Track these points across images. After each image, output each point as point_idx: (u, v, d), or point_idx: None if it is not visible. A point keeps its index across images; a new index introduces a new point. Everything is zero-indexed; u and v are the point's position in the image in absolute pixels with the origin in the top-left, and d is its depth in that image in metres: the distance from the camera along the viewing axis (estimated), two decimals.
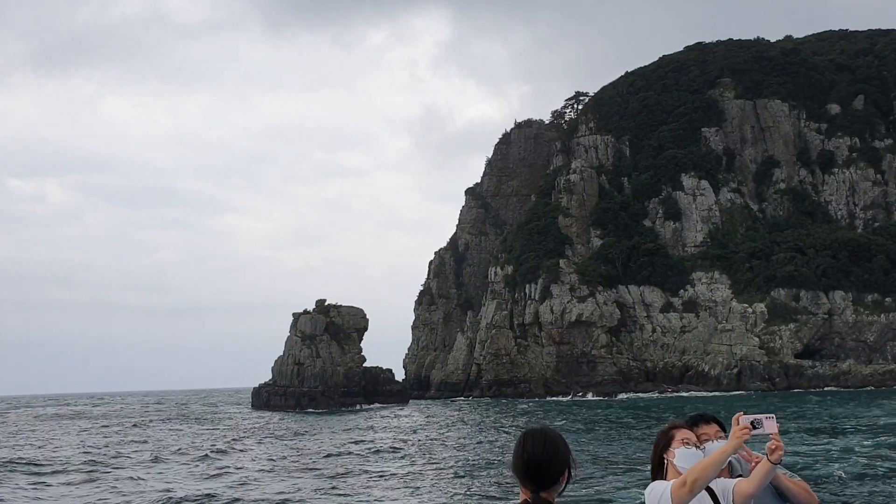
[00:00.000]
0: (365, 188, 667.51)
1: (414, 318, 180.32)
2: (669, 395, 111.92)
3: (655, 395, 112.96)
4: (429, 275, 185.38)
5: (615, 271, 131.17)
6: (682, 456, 4.82)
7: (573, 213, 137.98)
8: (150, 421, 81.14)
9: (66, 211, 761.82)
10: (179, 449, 44.34)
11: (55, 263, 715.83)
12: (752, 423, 4.70)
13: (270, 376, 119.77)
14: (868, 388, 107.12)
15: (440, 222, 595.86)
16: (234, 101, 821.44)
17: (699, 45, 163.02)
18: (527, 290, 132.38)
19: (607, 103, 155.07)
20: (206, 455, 40.13)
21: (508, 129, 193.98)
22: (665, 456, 4.94)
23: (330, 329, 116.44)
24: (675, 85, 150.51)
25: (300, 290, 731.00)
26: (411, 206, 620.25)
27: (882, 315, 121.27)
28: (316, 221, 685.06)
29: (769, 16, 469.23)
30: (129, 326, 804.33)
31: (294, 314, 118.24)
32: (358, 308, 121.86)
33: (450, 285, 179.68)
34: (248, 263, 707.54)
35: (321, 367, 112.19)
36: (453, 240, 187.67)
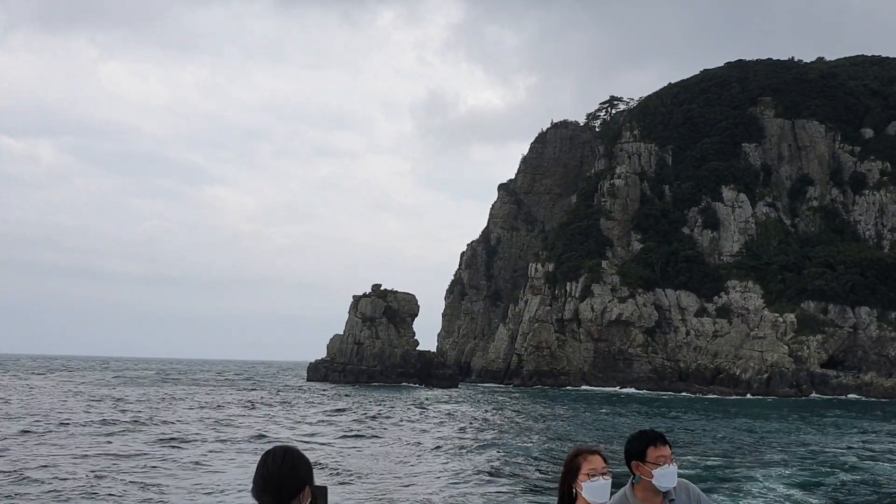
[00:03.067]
0: (358, 170, 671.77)
1: (444, 305, 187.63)
2: (697, 395, 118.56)
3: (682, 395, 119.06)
4: (460, 265, 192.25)
5: (654, 275, 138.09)
6: (590, 490, 4.75)
7: (616, 217, 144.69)
8: (278, 390, 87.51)
9: (58, 173, 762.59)
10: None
11: (45, 226, 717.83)
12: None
13: (325, 353, 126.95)
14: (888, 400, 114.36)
15: (433, 207, 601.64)
16: (234, 73, 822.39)
17: (740, 63, 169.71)
18: (567, 288, 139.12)
19: (651, 112, 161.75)
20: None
21: (545, 129, 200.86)
22: (574, 486, 4.83)
23: (387, 313, 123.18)
24: (717, 100, 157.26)
25: (287, 267, 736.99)
26: (404, 190, 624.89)
27: None
28: (305, 199, 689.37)
29: (796, 34, 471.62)
30: (117, 293, 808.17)
31: (354, 296, 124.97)
32: (411, 294, 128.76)
33: (480, 277, 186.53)
34: (236, 237, 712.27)
35: (380, 348, 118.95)
36: (485, 233, 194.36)
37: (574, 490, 4.82)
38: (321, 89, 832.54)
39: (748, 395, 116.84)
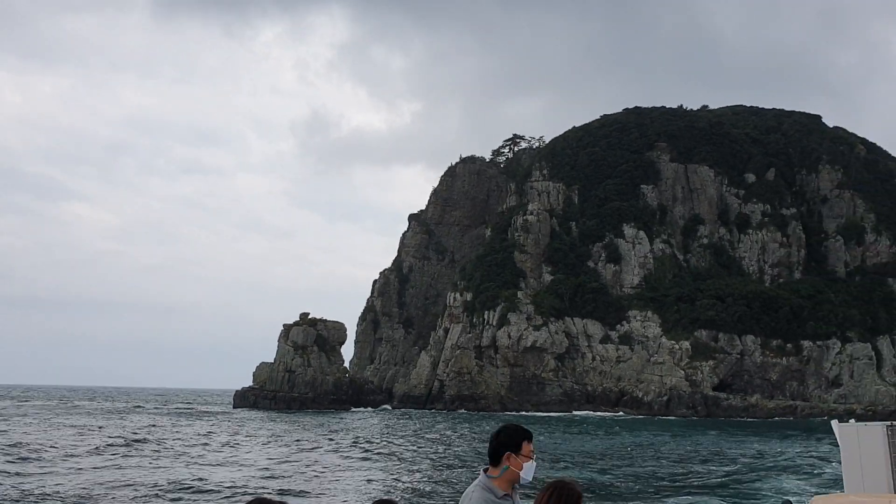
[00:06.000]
0: (227, 189, 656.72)
1: (356, 332, 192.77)
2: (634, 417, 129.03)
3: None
4: (373, 293, 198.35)
5: (563, 304, 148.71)
6: None
7: (528, 251, 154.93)
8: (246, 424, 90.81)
9: None
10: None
11: None
12: None
13: (251, 381, 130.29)
14: (774, 419, 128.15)
15: (307, 229, 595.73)
16: (98, 85, 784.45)
17: (637, 109, 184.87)
18: (485, 316, 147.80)
19: (559, 154, 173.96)
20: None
21: (454, 163, 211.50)
22: None
23: (318, 341, 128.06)
24: (618, 143, 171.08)
25: (151, 289, 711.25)
26: (276, 210, 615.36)
27: (784, 358, 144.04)
28: (170, 218, 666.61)
29: (680, 79, 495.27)
30: None
31: (285, 325, 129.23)
32: (341, 323, 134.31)
33: (393, 304, 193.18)
34: (94, 256, 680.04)
35: (312, 376, 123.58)
36: (397, 262, 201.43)
37: None
38: (192, 105, 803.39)
39: (655, 416, 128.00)
